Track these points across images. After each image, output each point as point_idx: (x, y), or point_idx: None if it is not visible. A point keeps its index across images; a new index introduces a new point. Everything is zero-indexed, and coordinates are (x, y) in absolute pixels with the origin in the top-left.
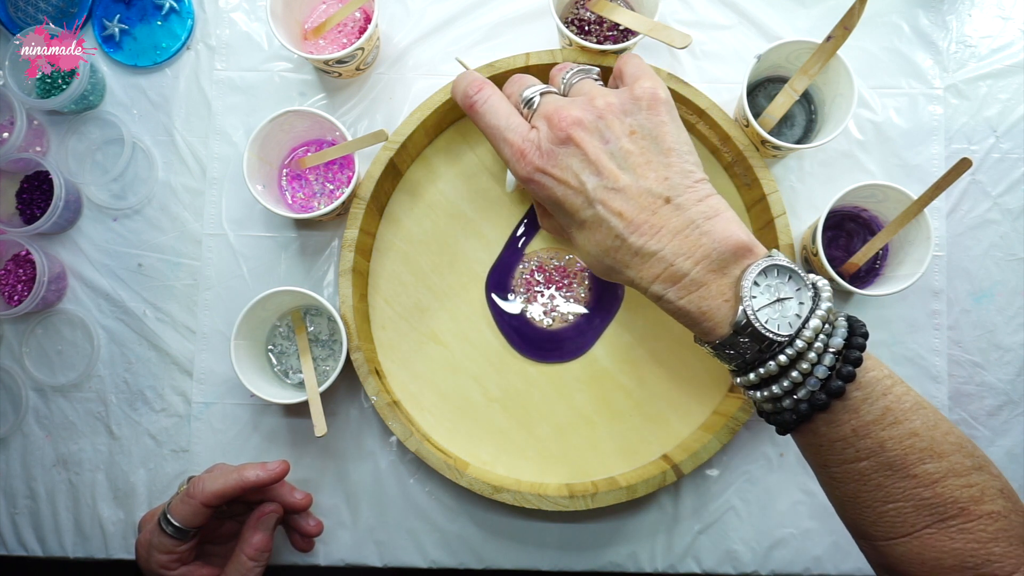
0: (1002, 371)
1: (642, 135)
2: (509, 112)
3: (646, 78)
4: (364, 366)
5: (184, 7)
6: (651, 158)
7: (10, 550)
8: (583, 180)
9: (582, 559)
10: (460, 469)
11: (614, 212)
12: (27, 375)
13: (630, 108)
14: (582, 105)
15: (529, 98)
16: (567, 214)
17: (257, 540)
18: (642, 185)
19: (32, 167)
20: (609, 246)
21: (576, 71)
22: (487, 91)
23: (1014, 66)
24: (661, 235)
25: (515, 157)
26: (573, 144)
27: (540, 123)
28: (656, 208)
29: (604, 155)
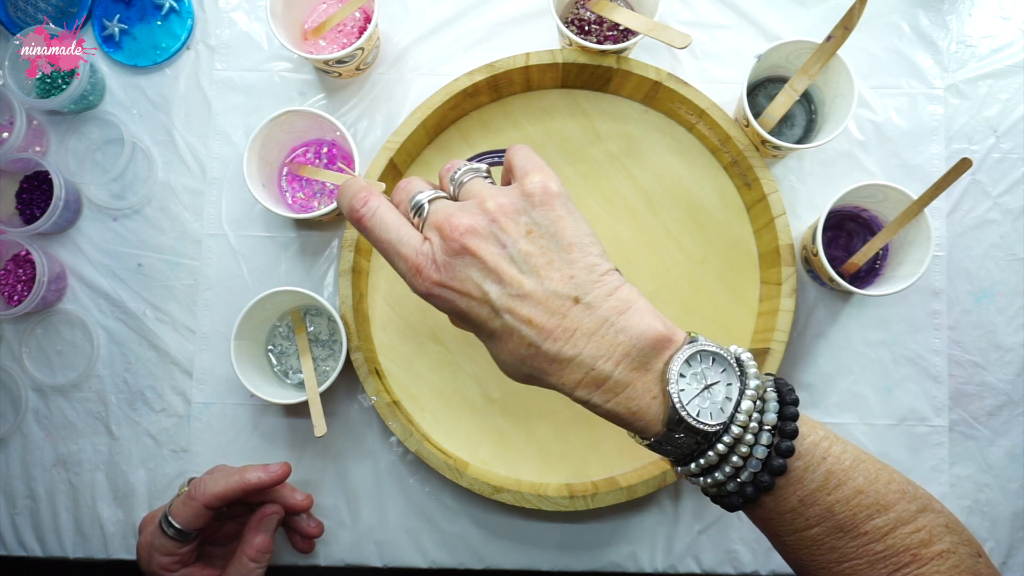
0: (1002, 371)
1: (539, 233)
2: (399, 224)
3: (535, 171)
4: (364, 366)
5: (184, 7)
6: (552, 257)
7: (10, 550)
8: (485, 290)
9: (582, 559)
10: (460, 469)
11: (523, 320)
12: (27, 375)
13: (523, 206)
14: (473, 210)
15: (418, 205)
16: (475, 326)
17: (259, 541)
18: (548, 288)
19: (32, 167)
20: (524, 355)
21: (465, 170)
22: (373, 202)
23: (1014, 66)
24: (576, 339)
25: (411, 273)
26: (469, 254)
27: (432, 234)
28: (566, 310)
29: (503, 261)
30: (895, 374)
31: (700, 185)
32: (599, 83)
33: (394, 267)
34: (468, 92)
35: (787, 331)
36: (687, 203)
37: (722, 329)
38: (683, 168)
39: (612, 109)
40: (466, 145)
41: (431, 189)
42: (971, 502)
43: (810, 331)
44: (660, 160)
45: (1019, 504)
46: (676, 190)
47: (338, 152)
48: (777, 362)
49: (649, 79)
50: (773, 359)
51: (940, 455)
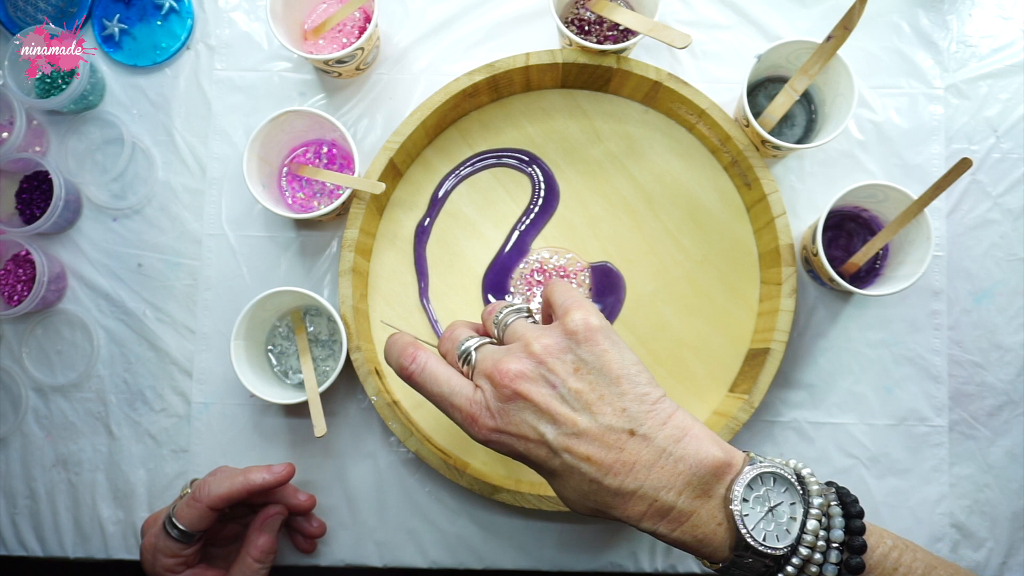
0: (1002, 371)
1: (587, 370)
2: (449, 375)
3: (574, 309)
4: (364, 366)
5: (184, 7)
6: (603, 391)
7: (10, 550)
8: (541, 431)
9: (582, 559)
10: (460, 469)
11: (581, 458)
12: (27, 375)
13: (568, 345)
14: (519, 354)
15: (465, 354)
16: (536, 466)
17: (262, 542)
18: (602, 423)
19: (32, 167)
20: (587, 491)
21: (507, 311)
22: (421, 357)
23: (1014, 66)
24: (636, 471)
25: (467, 423)
26: (521, 398)
27: (482, 382)
28: (623, 444)
29: (555, 401)
30: (895, 374)
31: (700, 185)
32: (599, 83)
33: (450, 417)
34: (468, 92)
35: (787, 331)
36: (687, 203)
37: (722, 329)
38: (683, 168)
39: (612, 109)
40: (466, 145)
41: (476, 335)
42: (971, 502)
43: (810, 331)
44: (660, 160)
45: (1019, 504)
46: (676, 190)
47: (338, 152)
48: (777, 362)
49: (649, 79)
50: (773, 359)
51: (940, 455)
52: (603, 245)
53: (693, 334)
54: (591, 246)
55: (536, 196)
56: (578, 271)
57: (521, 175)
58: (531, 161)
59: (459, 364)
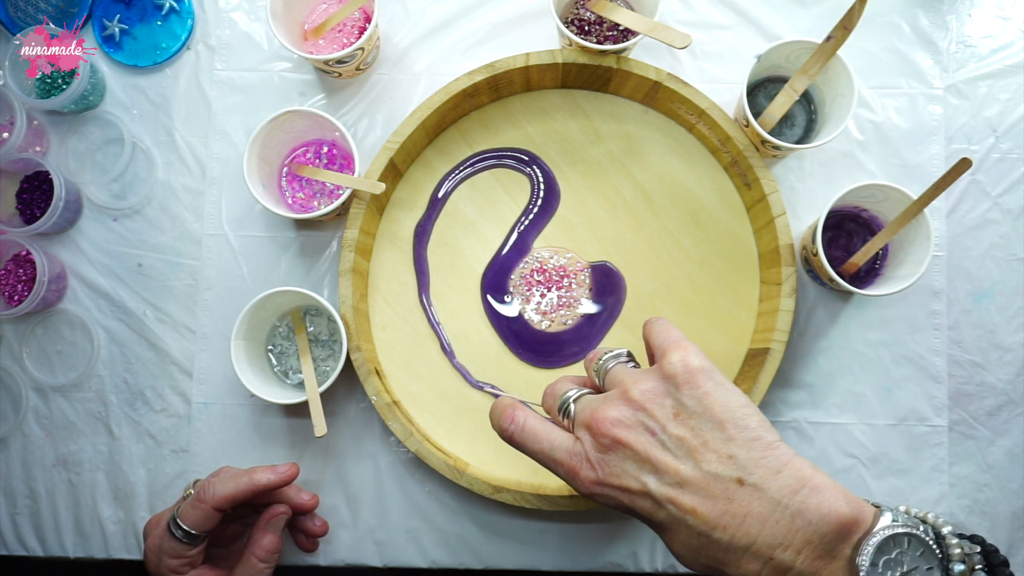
0: (1002, 371)
1: (687, 414)
2: (548, 431)
3: (672, 350)
4: (364, 366)
5: (184, 7)
6: (706, 437)
7: (10, 550)
8: (644, 481)
9: (582, 559)
10: (460, 469)
11: (687, 510)
12: (27, 375)
13: (666, 389)
14: (616, 401)
15: (563, 406)
16: (643, 519)
17: (267, 542)
18: (706, 471)
19: (32, 167)
20: (696, 545)
21: (607, 357)
22: (520, 417)
23: (1014, 66)
24: (748, 525)
25: (569, 476)
26: (621, 446)
27: (582, 433)
28: (731, 494)
29: (656, 448)
30: (895, 374)
31: (700, 185)
32: (599, 83)
33: (555, 474)
34: (468, 92)
35: (787, 331)
36: (687, 203)
37: (722, 329)
38: (683, 168)
39: (612, 109)
40: (466, 145)
41: (577, 387)
42: (971, 502)
43: (810, 331)
44: (660, 160)
45: (1019, 504)
46: (676, 190)
47: (338, 152)
48: (777, 362)
49: (649, 79)
50: (773, 359)
51: (940, 455)
52: (603, 245)
53: (693, 334)
54: (591, 246)
55: (536, 196)
56: (578, 271)
57: (521, 175)
58: (531, 161)
59: (560, 418)
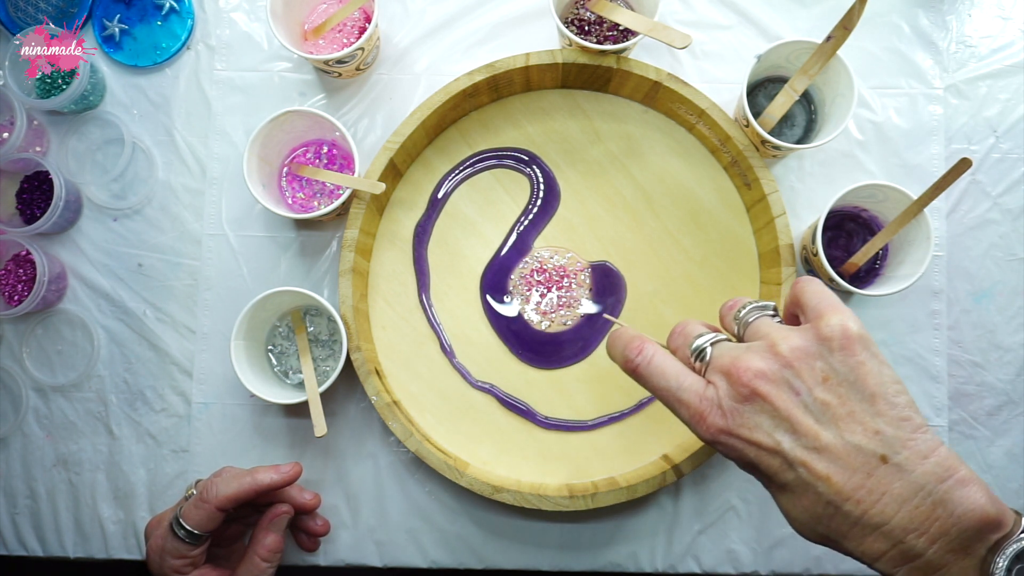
0: (1002, 371)
1: (838, 381)
2: (678, 371)
3: (832, 313)
4: (364, 366)
5: (184, 7)
6: (853, 408)
7: (10, 550)
8: (777, 439)
9: (582, 559)
10: (460, 469)
11: (820, 476)
12: (27, 375)
13: (819, 351)
14: (763, 353)
15: (700, 349)
16: (764, 476)
17: (270, 541)
18: (849, 441)
19: (32, 167)
20: (820, 513)
21: (750, 308)
22: (648, 350)
23: (1014, 66)
24: (884, 504)
25: (694, 419)
26: (760, 399)
27: (717, 378)
28: (871, 469)
29: (797, 409)
30: None
31: (700, 185)
32: (599, 83)
33: (676, 415)
34: (468, 92)
35: None
36: (687, 203)
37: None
38: (683, 168)
39: (612, 109)
40: (466, 145)
41: (710, 331)
42: None
43: None
44: (660, 160)
45: (1019, 504)
46: (676, 190)
47: (338, 152)
48: None
49: (649, 79)
50: None
51: None
52: (603, 245)
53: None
54: (591, 246)
55: (536, 196)
56: (578, 271)
57: (521, 175)
58: (531, 161)
59: (691, 360)
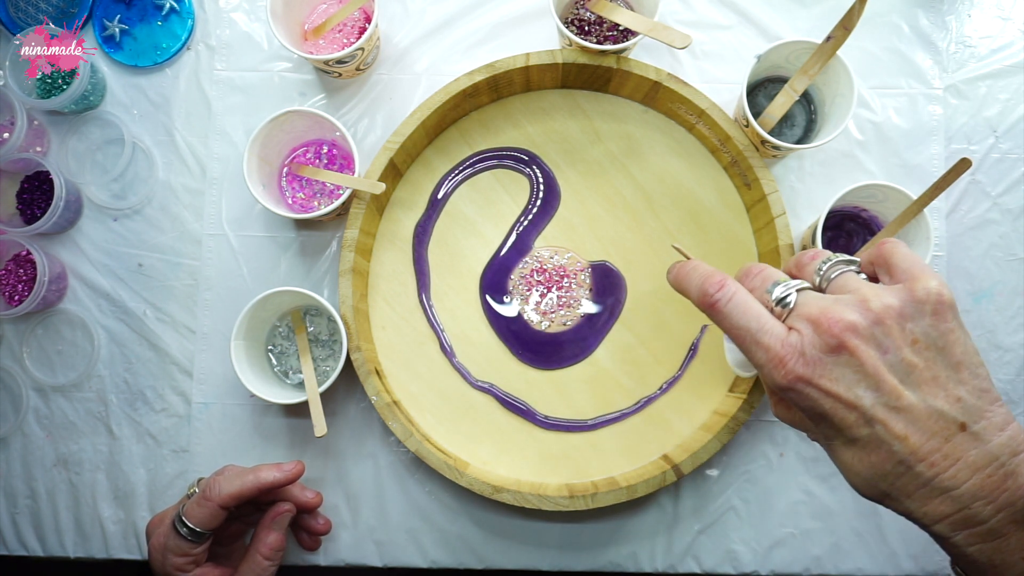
0: (1002, 371)
1: (926, 345)
2: (760, 312)
3: (927, 276)
4: (364, 366)
5: (184, 7)
6: (938, 373)
7: (10, 550)
8: (858, 394)
9: (582, 559)
10: (460, 469)
11: (897, 436)
12: (27, 375)
13: (911, 313)
14: (854, 306)
15: (783, 296)
16: (834, 429)
17: (272, 539)
18: (931, 405)
19: (32, 167)
20: (888, 471)
21: (835, 262)
22: (730, 287)
23: (1014, 66)
24: (957, 469)
25: (772, 363)
26: (847, 352)
27: (802, 325)
28: (949, 435)
29: (883, 367)
30: None
31: (700, 185)
32: (599, 83)
33: (749, 357)
34: (468, 92)
35: None
36: (687, 203)
37: None
38: (683, 168)
39: (612, 109)
40: (466, 145)
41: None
42: None
43: None
44: (660, 160)
45: None
46: (676, 190)
47: (338, 152)
48: None
49: (649, 79)
50: None
51: None
52: (603, 245)
53: (693, 334)
54: (591, 246)
55: (536, 196)
56: (578, 271)
57: (521, 175)
58: (531, 161)
59: (770, 304)
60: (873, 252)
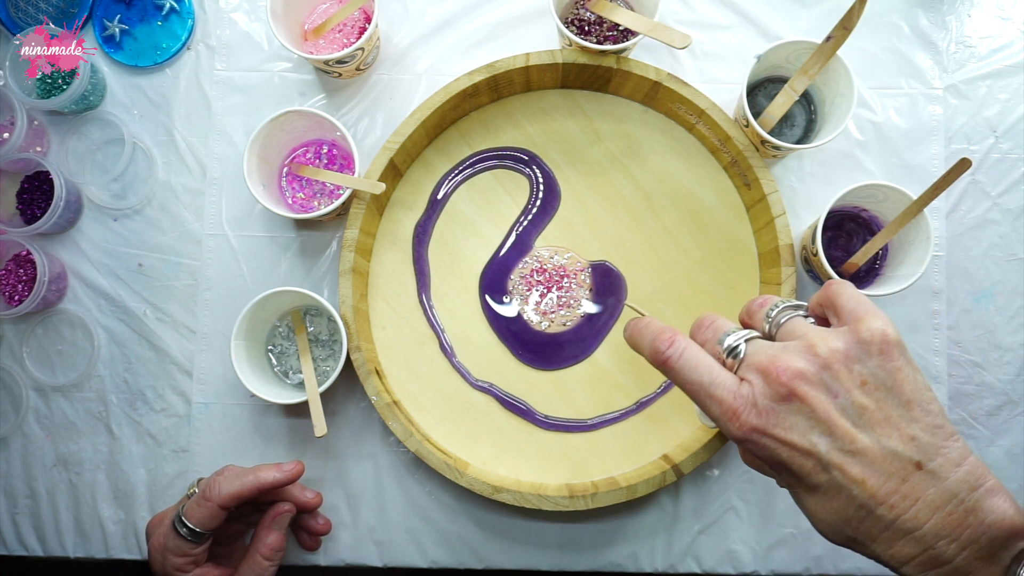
0: (1002, 371)
1: (875, 385)
2: (711, 365)
3: (871, 316)
4: (364, 366)
5: (184, 7)
6: (890, 413)
7: (10, 550)
8: (813, 441)
9: (582, 559)
10: (460, 469)
11: (854, 479)
12: (27, 375)
13: (858, 354)
14: (801, 353)
15: (733, 347)
16: (794, 477)
17: (272, 540)
18: (885, 446)
19: (32, 167)
20: (850, 516)
21: (782, 308)
22: (680, 343)
23: (1014, 66)
24: (917, 510)
25: (727, 416)
26: (797, 399)
27: (752, 376)
28: (906, 475)
29: (835, 411)
30: None
31: (700, 185)
32: (599, 83)
33: (705, 410)
34: (468, 92)
35: None
36: (687, 203)
37: None
38: (683, 168)
39: (612, 109)
40: (466, 145)
41: (739, 328)
42: None
43: None
44: (660, 160)
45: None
46: (676, 190)
47: (338, 152)
48: None
49: (649, 79)
50: None
51: None
52: (603, 245)
53: None
54: (591, 246)
55: (536, 196)
56: (578, 271)
57: (521, 175)
58: (531, 161)
59: (721, 355)
60: (820, 294)
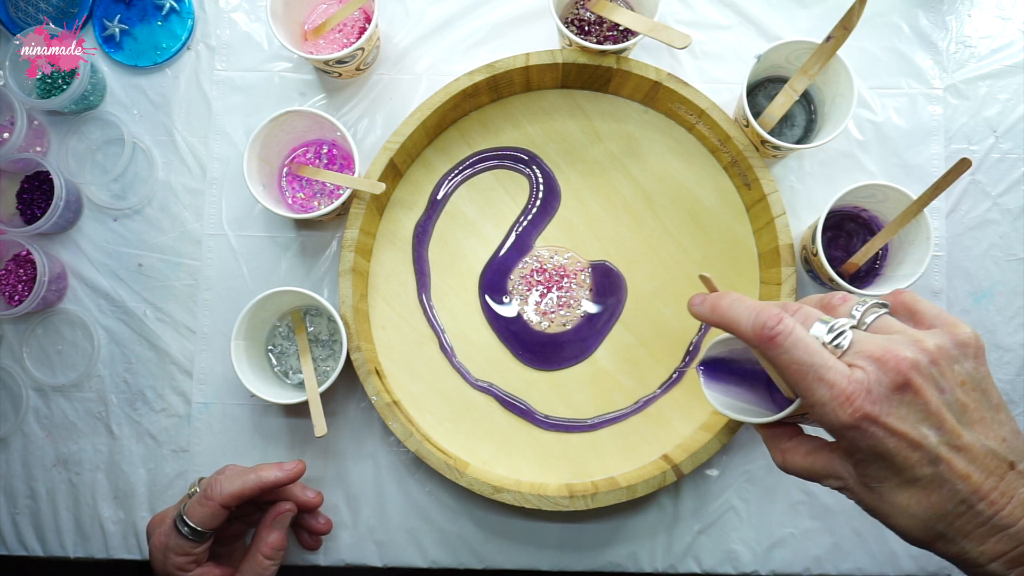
0: (1002, 371)
1: (972, 386)
2: (820, 347)
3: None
4: (364, 366)
5: (184, 7)
6: (984, 414)
7: (10, 550)
8: (924, 433)
9: (582, 559)
10: (460, 469)
11: (960, 475)
12: (27, 375)
13: (958, 355)
14: (912, 346)
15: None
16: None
17: (273, 539)
18: (985, 445)
19: (32, 167)
20: (948, 511)
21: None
22: (788, 321)
23: (1014, 66)
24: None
25: (838, 400)
26: (911, 391)
27: (865, 363)
28: (1002, 473)
29: (943, 406)
30: None
31: (700, 185)
32: (599, 83)
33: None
34: (468, 92)
35: None
36: (687, 203)
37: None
38: (683, 168)
39: (612, 109)
40: (466, 145)
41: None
42: None
43: None
44: (660, 160)
45: None
46: (676, 190)
47: (338, 152)
48: None
49: (649, 79)
50: None
51: None
52: (603, 245)
53: (692, 334)
54: (591, 246)
55: (535, 196)
56: (578, 271)
57: (521, 175)
58: (531, 161)
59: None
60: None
